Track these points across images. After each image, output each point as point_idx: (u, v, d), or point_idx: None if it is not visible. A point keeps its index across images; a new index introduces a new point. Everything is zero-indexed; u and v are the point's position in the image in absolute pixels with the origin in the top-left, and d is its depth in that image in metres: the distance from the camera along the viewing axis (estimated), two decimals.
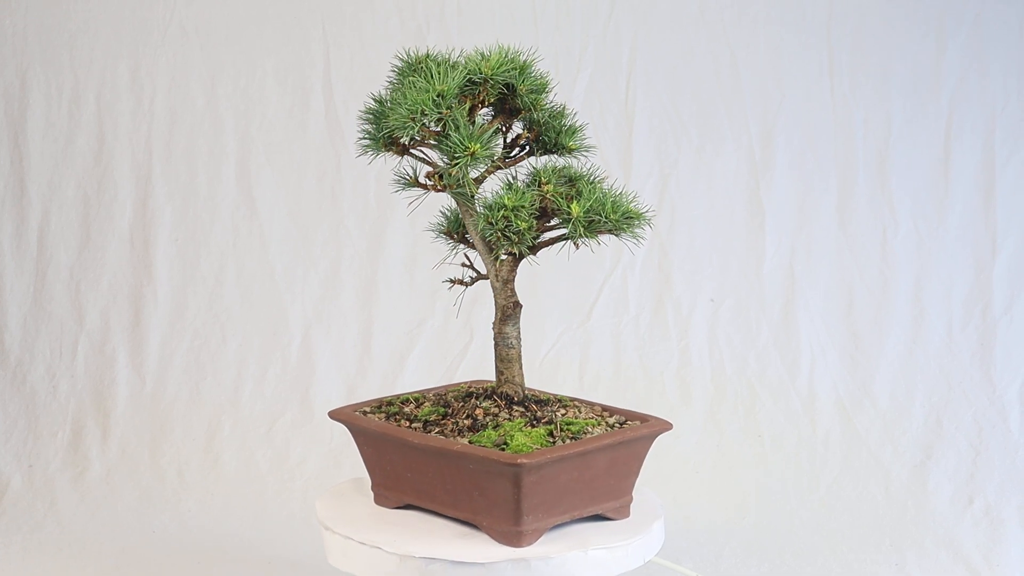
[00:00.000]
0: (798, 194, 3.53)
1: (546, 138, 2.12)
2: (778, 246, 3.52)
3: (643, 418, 2.13)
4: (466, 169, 1.96)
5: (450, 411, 2.13)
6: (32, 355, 3.48)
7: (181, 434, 3.37)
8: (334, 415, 2.17)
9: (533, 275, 3.48)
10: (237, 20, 3.51)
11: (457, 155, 1.95)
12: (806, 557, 2.96)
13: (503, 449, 1.95)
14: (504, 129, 2.13)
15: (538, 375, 3.34)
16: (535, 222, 1.99)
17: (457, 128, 1.95)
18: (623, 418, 2.14)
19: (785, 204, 3.53)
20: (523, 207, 1.97)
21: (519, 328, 2.12)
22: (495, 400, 2.13)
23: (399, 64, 2.10)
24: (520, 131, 2.14)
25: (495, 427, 2.04)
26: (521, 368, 2.14)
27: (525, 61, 2.06)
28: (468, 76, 2.00)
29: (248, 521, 3.13)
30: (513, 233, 1.96)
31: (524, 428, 2.03)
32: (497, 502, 1.95)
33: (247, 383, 3.45)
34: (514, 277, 2.10)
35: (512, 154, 2.14)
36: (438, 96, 1.97)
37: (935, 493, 3.20)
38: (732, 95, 3.52)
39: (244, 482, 3.26)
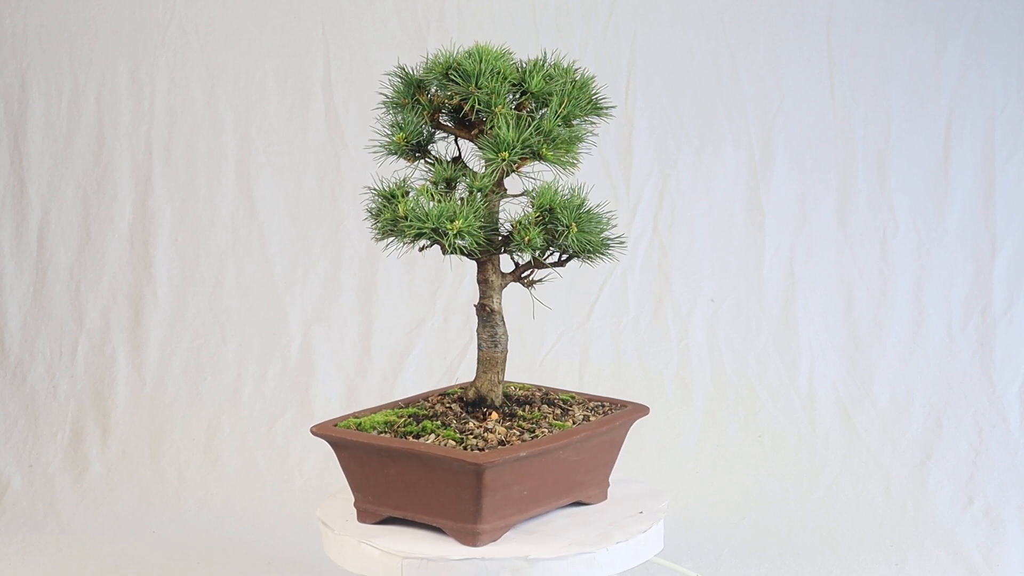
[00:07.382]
0: (798, 194, 3.53)
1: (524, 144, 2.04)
2: (778, 246, 3.51)
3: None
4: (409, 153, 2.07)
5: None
6: (32, 355, 3.48)
7: (181, 434, 3.37)
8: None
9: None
10: (237, 20, 3.51)
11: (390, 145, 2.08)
12: (806, 557, 2.96)
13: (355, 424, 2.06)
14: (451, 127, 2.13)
15: (538, 376, 3.34)
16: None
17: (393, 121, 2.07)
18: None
19: (785, 204, 3.53)
20: (402, 200, 2.01)
21: (496, 333, 2.12)
22: (449, 396, 2.18)
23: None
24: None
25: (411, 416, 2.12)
26: (491, 372, 2.12)
27: (483, 58, 2.00)
28: (405, 76, 2.09)
29: (248, 521, 3.13)
30: (381, 221, 2.04)
31: (414, 420, 2.08)
32: None
33: (247, 383, 3.45)
34: (486, 279, 2.11)
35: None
36: (401, 89, 2.10)
37: (935, 493, 3.20)
38: (732, 95, 3.52)
39: (244, 482, 3.26)
